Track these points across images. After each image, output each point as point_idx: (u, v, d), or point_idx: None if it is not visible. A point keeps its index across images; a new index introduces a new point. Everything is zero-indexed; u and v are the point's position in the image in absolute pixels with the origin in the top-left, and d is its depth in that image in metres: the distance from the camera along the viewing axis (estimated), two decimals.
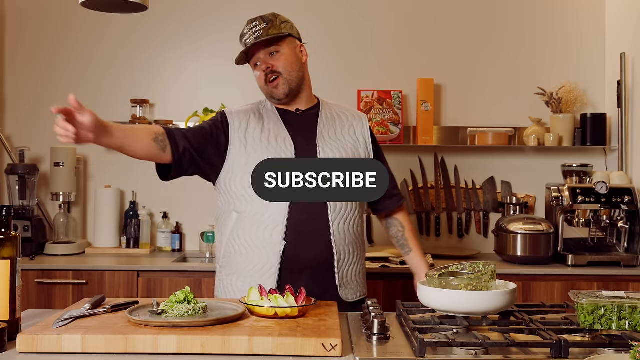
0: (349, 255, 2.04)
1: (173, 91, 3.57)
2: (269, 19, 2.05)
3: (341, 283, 2.02)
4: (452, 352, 1.41)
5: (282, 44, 2.05)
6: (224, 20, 3.56)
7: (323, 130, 2.08)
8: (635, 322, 1.50)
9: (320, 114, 2.12)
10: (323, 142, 2.06)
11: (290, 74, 2.05)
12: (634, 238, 3.07)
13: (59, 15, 3.56)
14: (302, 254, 1.98)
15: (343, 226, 2.02)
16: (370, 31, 3.57)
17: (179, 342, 1.42)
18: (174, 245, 3.47)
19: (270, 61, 2.05)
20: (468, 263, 1.71)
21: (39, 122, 3.54)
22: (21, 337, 1.43)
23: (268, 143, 2.02)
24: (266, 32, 2.02)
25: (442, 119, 3.57)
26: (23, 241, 3.08)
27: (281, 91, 2.05)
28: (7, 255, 1.53)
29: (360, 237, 2.11)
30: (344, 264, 2.03)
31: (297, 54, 2.08)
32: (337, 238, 2.00)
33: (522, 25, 3.59)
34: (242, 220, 2.02)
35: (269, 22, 2.04)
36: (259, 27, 2.04)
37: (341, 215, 2.01)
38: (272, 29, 2.03)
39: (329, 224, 1.99)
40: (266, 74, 2.05)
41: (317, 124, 2.10)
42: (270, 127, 2.07)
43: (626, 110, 3.36)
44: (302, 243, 1.97)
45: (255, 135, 2.04)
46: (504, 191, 3.54)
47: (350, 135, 2.11)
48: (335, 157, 2.04)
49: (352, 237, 2.05)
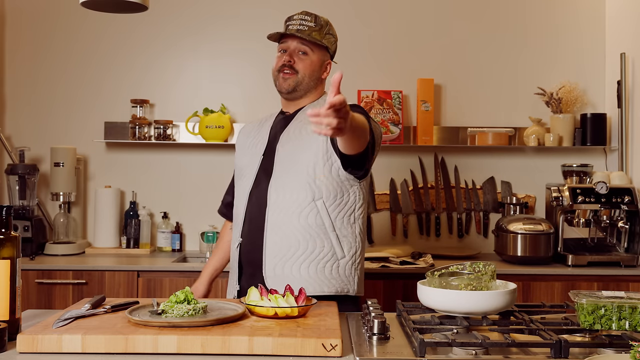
0: (285, 247, 1.97)
1: (173, 91, 3.57)
2: (320, 23, 2.09)
3: (270, 275, 1.97)
4: (452, 352, 1.41)
5: (315, 49, 2.08)
6: (224, 20, 3.56)
7: (291, 129, 2.08)
8: (635, 322, 1.50)
9: (299, 114, 2.11)
10: (285, 139, 2.05)
11: (305, 78, 2.07)
12: (634, 238, 3.07)
13: (59, 15, 3.56)
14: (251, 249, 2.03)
15: (282, 217, 1.97)
16: (370, 31, 3.57)
17: (179, 342, 1.42)
18: (174, 245, 3.47)
19: (295, 57, 2.07)
20: (468, 263, 1.71)
21: (39, 122, 3.54)
22: (21, 337, 1.43)
23: (248, 149, 2.15)
24: (310, 32, 2.06)
25: (442, 119, 3.57)
26: (23, 241, 3.08)
27: (287, 84, 2.07)
28: (7, 255, 1.53)
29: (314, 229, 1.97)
30: (276, 256, 1.97)
31: (321, 66, 2.11)
32: (271, 228, 1.99)
33: (523, 25, 3.59)
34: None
35: (318, 25, 2.08)
36: (307, 24, 2.07)
37: (282, 206, 1.97)
38: (316, 33, 2.07)
39: (265, 215, 2.00)
40: (284, 64, 2.07)
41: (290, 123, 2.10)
42: (260, 132, 2.16)
43: (626, 110, 3.36)
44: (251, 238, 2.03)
45: (247, 143, 2.18)
46: (504, 191, 3.54)
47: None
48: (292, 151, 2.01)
49: (294, 228, 1.97)
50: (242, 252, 2.06)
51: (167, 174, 3.56)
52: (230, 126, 3.42)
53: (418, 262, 3.06)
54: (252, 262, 2.03)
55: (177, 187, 3.56)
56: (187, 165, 3.56)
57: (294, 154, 2.01)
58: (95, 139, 3.49)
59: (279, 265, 1.98)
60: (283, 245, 1.97)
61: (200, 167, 3.53)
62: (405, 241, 3.52)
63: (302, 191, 1.97)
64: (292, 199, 1.97)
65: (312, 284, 1.97)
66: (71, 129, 3.55)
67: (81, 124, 3.55)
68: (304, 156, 1.99)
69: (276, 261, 1.98)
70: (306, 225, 1.97)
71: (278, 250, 1.98)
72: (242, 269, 2.07)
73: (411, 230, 3.55)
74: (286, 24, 2.10)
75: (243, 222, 2.06)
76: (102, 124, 3.50)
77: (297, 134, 2.05)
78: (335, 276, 1.99)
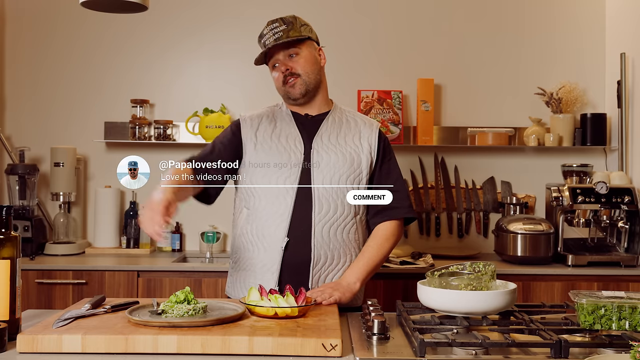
0: (330, 260, 2.00)
1: (173, 91, 3.57)
2: (289, 21, 2.06)
3: (315, 287, 1.98)
4: (452, 352, 1.42)
5: (301, 46, 2.07)
6: (224, 20, 3.56)
7: (324, 134, 2.08)
8: (635, 322, 1.50)
9: (327, 117, 2.12)
10: (318, 145, 2.05)
11: (309, 75, 2.07)
12: (634, 238, 3.07)
13: (59, 15, 3.56)
14: (300, 252, 1.99)
15: (328, 231, 1.99)
16: (370, 31, 3.57)
17: (179, 342, 1.42)
18: (174, 245, 3.47)
19: (290, 63, 2.06)
20: (468, 263, 1.71)
21: (39, 122, 3.54)
22: (21, 337, 1.43)
23: (278, 142, 2.06)
24: (286, 34, 2.04)
25: (442, 119, 3.57)
26: (23, 241, 3.08)
27: (297, 91, 2.06)
28: (7, 255, 1.53)
29: (354, 244, 2.05)
30: (322, 268, 2.00)
31: (315, 57, 2.10)
32: (318, 241, 1.98)
33: (522, 26, 3.59)
34: (251, 216, 2.05)
35: (289, 24, 2.06)
36: (279, 29, 2.05)
37: (326, 219, 1.99)
38: (292, 31, 2.04)
39: (311, 227, 1.98)
40: (285, 75, 2.06)
41: (320, 127, 2.10)
42: (281, 127, 2.10)
43: (626, 110, 3.36)
44: (300, 241, 1.99)
45: (265, 135, 2.09)
46: (504, 191, 3.54)
47: (353, 141, 2.08)
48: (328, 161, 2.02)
49: (337, 242, 2.01)
50: (288, 253, 1.99)
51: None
52: None
53: (418, 262, 3.06)
54: (296, 266, 1.98)
55: None
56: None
57: (334, 166, 2.02)
58: (95, 139, 3.49)
59: (322, 277, 2.01)
60: (328, 258, 2.00)
61: None
62: (405, 241, 3.52)
63: (347, 206, 2.02)
64: (337, 214, 2.01)
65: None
66: (71, 129, 3.55)
67: (81, 124, 3.55)
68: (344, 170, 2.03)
69: (321, 272, 2.00)
70: (347, 240, 2.03)
71: (323, 263, 2.00)
72: (282, 270, 1.99)
73: (411, 230, 3.55)
74: (261, 41, 2.08)
75: (290, 221, 1.99)
76: (102, 124, 3.50)
77: (334, 142, 2.07)
78: (362, 289, 2.07)
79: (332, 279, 2.01)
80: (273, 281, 1.98)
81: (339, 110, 2.16)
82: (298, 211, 1.99)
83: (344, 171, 2.02)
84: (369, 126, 2.13)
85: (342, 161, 2.04)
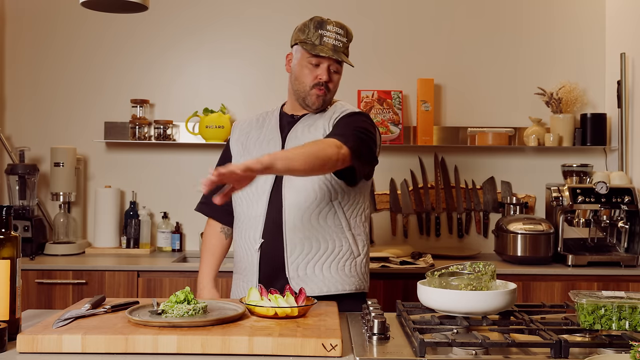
0: (309, 247, 1.99)
1: (173, 91, 3.57)
2: (350, 36, 2.10)
3: (294, 276, 1.99)
4: (452, 352, 1.42)
5: (342, 66, 2.10)
6: (224, 20, 3.56)
7: (299, 128, 2.08)
8: (635, 322, 1.50)
9: (309, 113, 2.12)
10: (292, 140, 2.06)
11: (333, 95, 2.11)
12: (634, 238, 3.07)
13: (59, 15, 3.56)
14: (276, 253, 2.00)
15: (301, 217, 1.98)
16: (370, 31, 3.57)
17: (179, 342, 1.42)
18: (174, 245, 3.47)
19: (331, 75, 2.07)
20: (468, 263, 1.71)
21: (39, 122, 3.54)
22: (21, 337, 1.43)
23: (260, 147, 2.10)
24: (344, 49, 2.07)
25: (442, 119, 3.57)
26: (23, 241, 3.08)
27: (319, 102, 2.07)
28: (7, 255, 1.53)
29: (336, 229, 2.01)
30: (299, 256, 1.99)
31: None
32: (290, 229, 1.98)
33: (522, 25, 3.59)
34: (237, 221, 2.13)
35: (349, 40, 2.09)
36: (341, 39, 2.07)
37: (298, 207, 1.98)
38: (347, 50, 2.09)
39: (282, 217, 1.99)
40: (321, 82, 2.05)
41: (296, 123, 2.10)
42: (267, 132, 2.13)
43: (626, 110, 3.36)
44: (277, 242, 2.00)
45: (251, 141, 2.13)
46: (504, 191, 3.54)
47: (323, 128, 2.05)
48: None
49: (314, 228, 1.99)
50: (262, 254, 2.03)
51: (167, 174, 3.56)
52: (230, 126, 3.41)
53: (418, 262, 3.06)
54: (273, 263, 2.01)
55: (177, 187, 3.56)
56: (187, 165, 3.56)
57: None
58: (95, 139, 3.49)
59: (301, 265, 1.99)
60: (305, 246, 1.99)
61: (201, 167, 3.53)
62: (405, 241, 3.52)
63: (319, 191, 1.99)
64: (309, 200, 1.99)
65: (334, 284, 2.02)
66: (71, 129, 3.55)
67: (81, 124, 3.55)
68: None
69: (299, 262, 1.99)
70: (325, 225, 2.00)
71: (300, 251, 1.99)
72: (261, 270, 2.03)
73: (411, 230, 3.55)
74: (319, 32, 2.04)
75: (264, 223, 2.02)
76: (102, 124, 3.50)
77: (306, 133, 2.06)
78: (354, 274, 2.05)
79: (315, 266, 2.00)
80: (254, 281, 2.03)
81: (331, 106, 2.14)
82: (272, 210, 2.01)
83: None
84: (339, 110, 2.09)
85: None
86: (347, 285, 2.04)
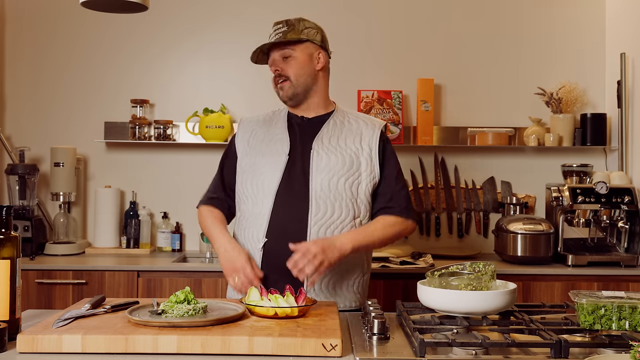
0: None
1: (173, 91, 3.57)
2: (292, 23, 2.07)
3: (309, 290, 1.97)
4: (452, 352, 1.42)
5: (296, 48, 2.06)
6: (224, 20, 3.56)
7: (324, 136, 2.07)
8: (635, 322, 1.50)
9: (329, 120, 2.11)
10: (319, 146, 2.04)
11: (298, 79, 2.06)
12: (634, 238, 3.07)
13: (59, 15, 3.56)
14: (282, 254, 1.92)
15: (324, 232, 1.96)
16: (370, 31, 3.57)
17: (179, 342, 1.42)
18: (174, 245, 3.47)
19: (281, 64, 2.07)
20: (468, 263, 1.71)
21: (39, 122, 3.54)
22: (21, 337, 1.43)
23: (266, 146, 2.08)
24: (284, 36, 2.05)
25: (442, 119, 3.57)
26: (23, 241, 3.08)
27: (285, 93, 2.08)
28: (7, 255, 1.53)
29: None
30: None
31: (310, 60, 2.08)
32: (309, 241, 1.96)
33: (522, 26, 3.59)
34: (240, 219, 2.11)
35: (291, 25, 2.06)
36: (280, 30, 2.07)
37: (323, 221, 1.97)
38: (292, 33, 2.05)
39: (307, 228, 1.97)
40: (275, 75, 2.09)
41: (320, 129, 2.09)
42: (274, 131, 2.11)
43: (626, 110, 3.36)
44: (282, 242, 1.93)
45: (257, 140, 2.12)
46: (504, 191, 3.54)
47: (354, 143, 2.06)
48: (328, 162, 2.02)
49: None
50: (266, 255, 1.99)
51: (167, 174, 3.56)
52: (230, 126, 3.42)
53: (418, 262, 3.06)
54: (280, 268, 1.91)
55: (177, 187, 3.56)
56: (187, 165, 3.56)
57: (334, 168, 2.01)
58: (95, 139, 3.49)
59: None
60: None
61: (200, 167, 3.53)
62: (405, 241, 3.52)
63: (345, 209, 2.00)
64: (335, 216, 1.99)
65: (342, 300, 2.03)
66: (71, 129, 3.55)
67: (81, 124, 3.55)
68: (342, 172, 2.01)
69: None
70: None
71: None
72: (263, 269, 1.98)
73: None
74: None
75: (268, 222, 1.99)
76: (102, 124, 3.50)
77: (335, 144, 2.05)
78: (360, 292, 2.09)
79: (328, 283, 2.00)
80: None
81: (340, 112, 2.16)
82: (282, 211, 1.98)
83: (342, 173, 2.01)
84: (371, 127, 2.11)
85: (342, 163, 2.02)
86: (353, 302, 2.06)
